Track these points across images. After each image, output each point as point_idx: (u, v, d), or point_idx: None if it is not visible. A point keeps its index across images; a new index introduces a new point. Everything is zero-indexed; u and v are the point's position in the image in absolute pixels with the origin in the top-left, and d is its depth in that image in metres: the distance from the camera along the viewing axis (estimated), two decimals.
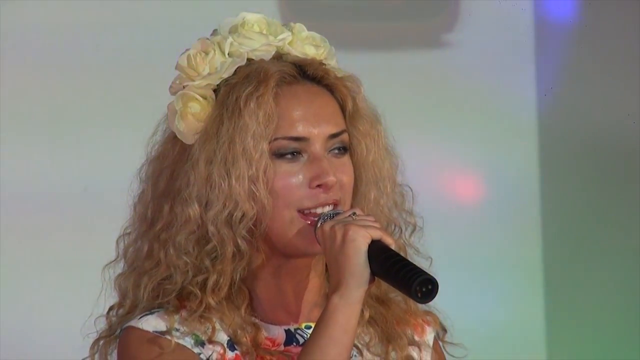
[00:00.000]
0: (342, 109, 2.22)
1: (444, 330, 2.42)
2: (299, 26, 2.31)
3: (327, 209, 2.14)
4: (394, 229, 2.27)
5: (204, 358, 2.11)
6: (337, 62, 2.32)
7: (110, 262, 2.28)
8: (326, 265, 2.21)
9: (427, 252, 2.32)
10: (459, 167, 4.71)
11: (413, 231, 2.28)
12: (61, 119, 4.89)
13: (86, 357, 2.27)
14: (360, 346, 2.23)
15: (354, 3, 4.45)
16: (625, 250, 5.11)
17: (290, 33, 2.27)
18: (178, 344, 2.13)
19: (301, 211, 2.13)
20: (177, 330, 2.13)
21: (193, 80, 2.20)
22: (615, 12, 4.78)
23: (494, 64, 4.74)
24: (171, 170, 2.23)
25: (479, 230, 4.42)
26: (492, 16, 4.72)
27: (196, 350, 2.13)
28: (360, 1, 4.67)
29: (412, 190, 2.31)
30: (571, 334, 5.24)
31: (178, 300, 2.16)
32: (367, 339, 2.23)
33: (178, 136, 2.21)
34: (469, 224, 4.37)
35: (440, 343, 2.43)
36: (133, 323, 2.13)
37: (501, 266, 4.96)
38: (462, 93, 4.69)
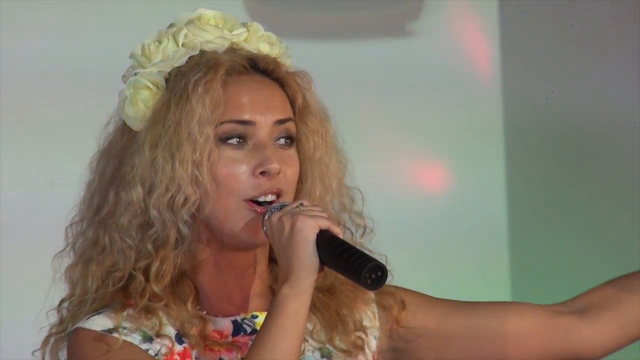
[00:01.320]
0: (292, 103, 2.25)
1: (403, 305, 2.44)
2: (256, 25, 2.32)
3: (270, 197, 2.16)
4: (344, 231, 2.26)
5: (153, 353, 2.13)
6: (292, 62, 2.33)
7: (59, 252, 2.27)
8: (269, 256, 2.28)
9: (393, 243, 2.33)
10: (425, 158, 4.69)
11: (364, 233, 2.30)
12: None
13: (37, 350, 2.29)
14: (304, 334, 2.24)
15: None
16: (591, 245, 5.06)
17: (246, 30, 2.29)
18: (125, 341, 2.15)
19: (247, 200, 2.15)
20: (125, 327, 2.15)
21: (145, 68, 2.23)
22: (581, 7, 4.79)
23: (460, 53, 4.74)
24: (118, 157, 2.26)
25: (444, 224, 4.39)
26: (458, 4, 4.73)
27: (144, 346, 2.16)
28: None
29: (362, 194, 2.33)
30: None
31: (124, 297, 2.18)
32: (310, 327, 2.24)
33: (127, 122, 2.23)
34: (434, 218, 4.35)
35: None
36: (81, 324, 2.16)
37: (467, 261, 4.89)
38: (428, 82, 4.66)
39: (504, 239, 4.86)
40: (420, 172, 4.69)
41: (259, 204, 2.16)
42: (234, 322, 2.22)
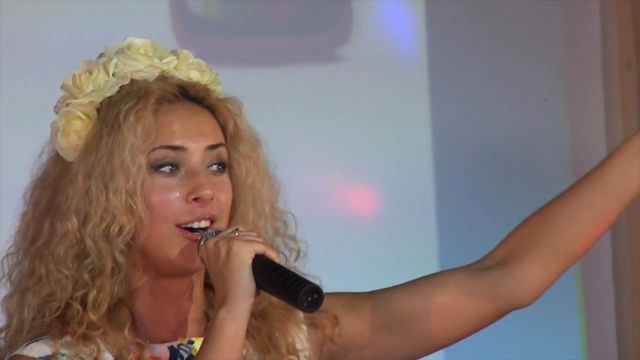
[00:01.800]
0: (223, 130, 2.26)
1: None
2: (185, 52, 2.34)
3: (204, 223, 2.17)
4: (279, 255, 2.26)
5: None
6: (223, 88, 2.35)
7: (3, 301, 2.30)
8: (205, 282, 2.29)
9: (318, 270, 2.35)
10: (354, 179, 4.73)
11: (298, 257, 2.31)
12: None
13: None
14: None
15: (248, 20, 4.47)
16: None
17: (176, 58, 2.30)
18: None
19: (179, 226, 2.16)
20: (63, 354, 2.16)
21: (76, 98, 2.22)
22: (497, 31, 4.86)
23: (387, 76, 4.76)
24: (52, 188, 2.26)
25: (376, 241, 4.42)
26: (384, 29, 4.80)
27: None
28: (254, 18, 4.66)
29: (295, 218, 2.35)
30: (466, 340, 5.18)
31: (62, 325, 2.17)
32: (244, 352, 2.23)
33: (60, 153, 2.22)
34: (366, 235, 4.37)
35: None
36: (19, 351, 2.15)
37: (397, 276, 5.02)
38: (356, 106, 4.71)
39: (435, 260, 4.82)
40: (351, 195, 4.71)
41: (193, 230, 2.17)
42: (171, 348, 2.22)
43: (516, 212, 4.73)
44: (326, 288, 2.19)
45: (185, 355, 2.23)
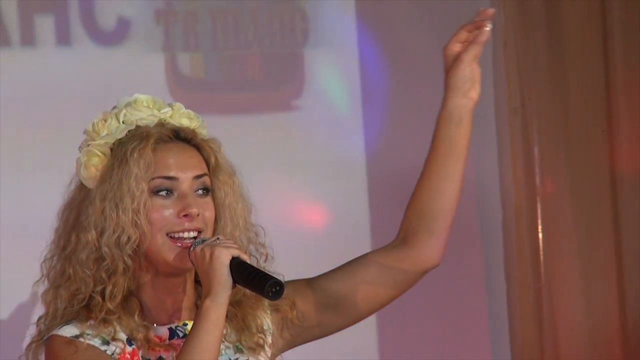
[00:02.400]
0: (207, 163, 2.35)
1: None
2: (178, 105, 2.43)
3: (192, 234, 2.27)
4: (251, 258, 2.34)
5: (110, 353, 2.23)
6: (207, 132, 2.43)
7: (37, 281, 2.37)
8: (195, 279, 2.37)
9: (281, 269, 2.40)
10: (306, 202, 4.80)
11: (266, 259, 2.41)
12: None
13: (22, 355, 2.36)
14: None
15: (225, 78, 4.55)
16: (453, 278, 4.86)
17: (170, 109, 2.38)
18: (89, 344, 2.24)
19: (169, 235, 2.25)
20: (88, 334, 2.24)
21: (95, 140, 2.31)
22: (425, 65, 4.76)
23: (331, 121, 4.85)
24: (77, 208, 2.34)
25: (320, 251, 4.45)
26: (329, 80, 4.84)
27: (103, 347, 2.24)
28: (230, 76, 4.72)
29: (263, 229, 2.44)
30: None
31: (86, 312, 2.26)
32: (224, 331, 2.31)
33: (83, 182, 2.32)
34: (313, 247, 4.45)
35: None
36: (55, 332, 2.25)
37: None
38: (308, 146, 4.79)
39: None
40: (305, 212, 4.77)
41: (183, 239, 2.26)
42: (170, 329, 2.30)
43: None
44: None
45: (181, 334, 2.30)
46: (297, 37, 4.82)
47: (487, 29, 2.35)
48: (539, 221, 4.93)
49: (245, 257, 2.15)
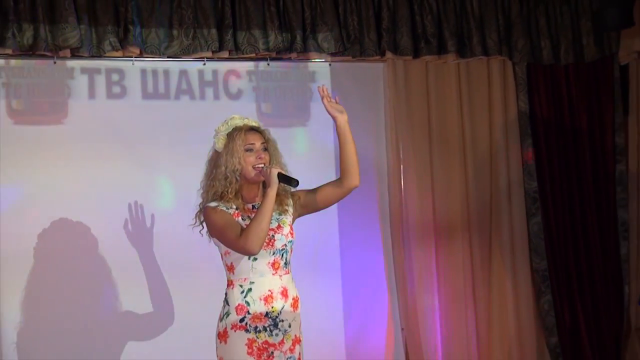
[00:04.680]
0: (264, 138, 3.56)
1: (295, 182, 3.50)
2: (251, 118, 3.67)
3: (261, 165, 3.46)
4: (285, 171, 3.45)
5: (231, 213, 3.42)
6: (262, 126, 3.65)
7: (199, 189, 3.58)
8: (263, 182, 3.47)
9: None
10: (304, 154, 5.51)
11: (286, 172, 3.49)
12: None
13: (195, 222, 3.58)
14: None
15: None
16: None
17: (249, 119, 3.62)
18: (221, 209, 3.43)
19: (253, 166, 3.44)
20: (221, 205, 3.43)
21: (220, 132, 3.56)
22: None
23: None
24: (214, 159, 3.54)
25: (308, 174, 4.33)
26: None
27: (227, 210, 3.43)
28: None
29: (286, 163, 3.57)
30: None
31: (220, 197, 3.44)
32: (275, 206, 3.48)
33: (216, 149, 3.53)
34: (305, 171, 4.26)
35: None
36: (207, 205, 3.47)
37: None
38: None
39: None
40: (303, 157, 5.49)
41: (258, 167, 3.46)
42: (252, 205, 3.50)
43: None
44: None
45: (256, 207, 3.47)
46: None
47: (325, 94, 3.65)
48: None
49: (283, 171, 3.35)
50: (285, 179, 3.42)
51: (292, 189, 3.52)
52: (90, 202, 4.94)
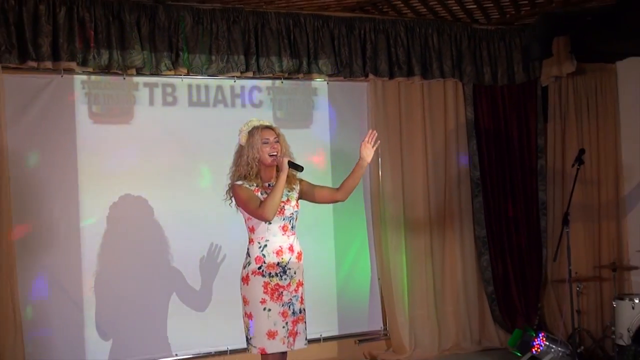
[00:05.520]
0: (276, 134, 3.47)
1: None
2: (266, 120, 3.59)
3: (274, 154, 3.40)
4: (293, 159, 3.38)
5: (252, 189, 3.36)
6: (274, 125, 3.55)
7: (229, 173, 3.47)
8: (277, 167, 3.41)
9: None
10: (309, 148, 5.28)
11: (295, 161, 3.41)
12: None
13: (226, 197, 3.48)
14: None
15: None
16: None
17: (264, 121, 3.55)
18: (246, 187, 3.36)
19: (269, 154, 3.37)
20: (245, 184, 3.37)
21: (243, 130, 3.48)
22: None
23: None
24: (240, 152, 3.46)
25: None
26: None
27: (250, 187, 3.36)
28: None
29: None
30: None
31: (245, 177, 3.38)
32: (285, 185, 3.41)
33: (240, 143, 3.45)
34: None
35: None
36: (235, 182, 3.41)
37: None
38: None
39: None
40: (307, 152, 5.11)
41: (273, 155, 3.39)
42: (269, 184, 3.42)
43: None
44: None
45: (271, 185, 3.38)
46: None
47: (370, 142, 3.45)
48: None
49: (292, 160, 3.38)
50: (293, 165, 3.37)
51: (299, 173, 3.48)
52: (148, 181, 4.91)
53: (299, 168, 3.35)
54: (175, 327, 4.79)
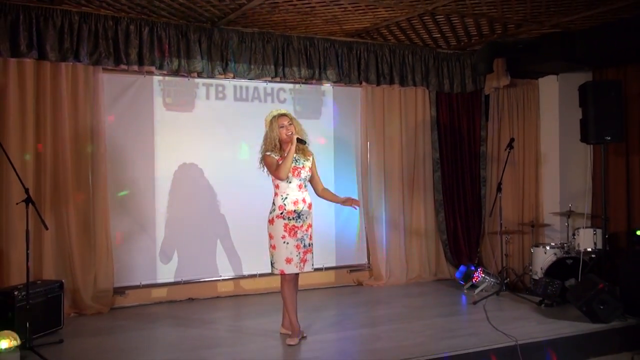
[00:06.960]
0: (290, 119, 3.26)
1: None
2: (283, 109, 3.32)
3: (290, 134, 3.21)
4: (303, 136, 3.18)
5: (276, 158, 3.21)
6: (289, 113, 3.31)
7: (262, 149, 3.30)
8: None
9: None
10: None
11: (306, 138, 3.22)
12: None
13: (259, 165, 3.29)
14: (297, 157, 3.21)
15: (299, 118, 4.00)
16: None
17: (281, 110, 3.31)
18: (272, 156, 3.22)
19: (286, 134, 3.20)
20: (272, 154, 3.23)
21: (268, 119, 3.29)
22: None
23: None
24: (266, 134, 3.29)
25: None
26: None
27: (275, 157, 3.22)
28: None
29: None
30: None
31: (271, 149, 3.23)
32: (295, 156, 3.25)
33: (265, 128, 3.28)
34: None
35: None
36: (264, 154, 3.25)
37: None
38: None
39: None
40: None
41: (288, 135, 3.21)
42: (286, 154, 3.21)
43: None
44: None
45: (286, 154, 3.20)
46: None
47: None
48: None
49: (301, 138, 3.21)
50: (300, 140, 3.24)
51: (305, 144, 3.30)
52: (203, 153, 4.72)
53: (303, 142, 3.20)
54: (220, 256, 4.68)
